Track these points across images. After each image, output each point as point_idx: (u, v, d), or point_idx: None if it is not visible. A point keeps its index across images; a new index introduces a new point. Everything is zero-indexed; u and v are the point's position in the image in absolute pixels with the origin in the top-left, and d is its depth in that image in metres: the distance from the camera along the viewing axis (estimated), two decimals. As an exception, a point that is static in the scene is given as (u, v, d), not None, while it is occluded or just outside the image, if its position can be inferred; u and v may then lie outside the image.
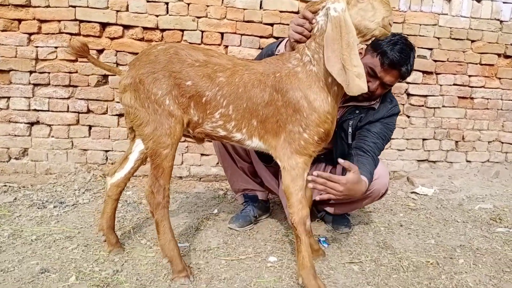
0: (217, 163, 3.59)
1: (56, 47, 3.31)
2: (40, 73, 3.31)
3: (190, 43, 3.39)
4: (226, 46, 3.46)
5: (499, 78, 3.94)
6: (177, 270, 1.90)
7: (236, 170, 2.67)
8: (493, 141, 4.04)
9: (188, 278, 1.89)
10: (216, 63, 1.91)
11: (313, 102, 1.83)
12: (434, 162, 3.97)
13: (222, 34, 3.44)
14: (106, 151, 3.46)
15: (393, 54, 2.15)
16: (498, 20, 3.81)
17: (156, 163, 1.89)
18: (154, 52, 1.91)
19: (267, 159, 2.51)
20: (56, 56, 3.32)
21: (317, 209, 2.72)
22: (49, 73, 3.32)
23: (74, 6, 3.25)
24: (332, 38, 1.75)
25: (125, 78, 1.91)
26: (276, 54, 2.21)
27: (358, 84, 1.73)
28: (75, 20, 3.27)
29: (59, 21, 3.28)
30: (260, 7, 3.43)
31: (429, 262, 2.19)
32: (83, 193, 3.06)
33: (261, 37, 3.47)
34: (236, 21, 3.43)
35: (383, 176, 2.36)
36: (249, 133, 1.94)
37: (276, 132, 1.90)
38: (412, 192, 3.49)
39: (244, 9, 3.42)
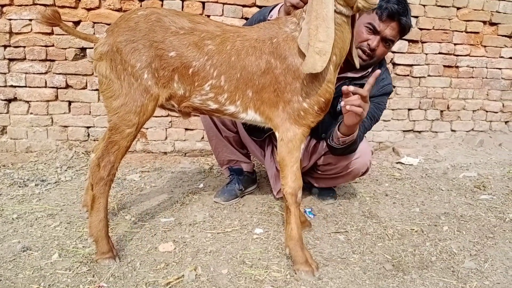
0: (202, 138, 3.55)
1: (30, 20, 3.16)
2: (15, 47, 3.18)
3: (170, 13, 3.27)
4: (208, 16, 3.35)
5: (484, 46, 3.93)
6: (101, 252, 1.78)
7: (221, 140, 2.58)
8: (478, 110, 4.06)
9: (113, 259, 1.79)
10: (204, 30, 1.76)
11: None
12: (419, 132, 3.98)
13: (203, 3, 3.33)
14: (88, 127, 3.38)
15: (391, 5, 2.04)
16: (484, -14, 3.77)
17: (114, 139, 1.76)
18: (134, 18, 1.75)
19: (254, 133, 2.49)
20: (31, 29, 3.18)
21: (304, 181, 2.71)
22: (24, 47, 3.19)
23: (48, -24, 3.10)
24: (308, 9, 1.66)
25: (101, 45, 1.74)
26: (269, 20, 2.10)
27: (313, 62, 1.60)
28: (49, -10, 3.13)
29: (32, -9, 3.13)
30: (242, -25, 3.32)
31: (413, 229, 2.22)
32: (65, 170, 3.00)
33: (244, 6, 3.36)
34: (218, -11, 3.32)
35: (364, 154, 2.33)
36: (244, 105, 1.82)
37: (273, 102, 1.79)
38: (397, 162, 3.50)
39: (225, -22, 3.30)
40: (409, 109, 3.91)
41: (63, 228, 2.11)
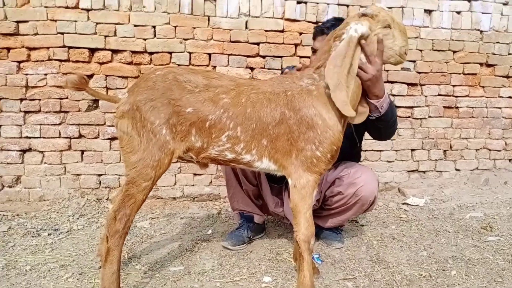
0: (210, 182, 3.62)
1: (45, 74, 3.34)
2: (31, 100, 3.34)
3: (178, 65, 3.44)
4: (214, 67, 3.51)
5: (483, 87, 4.03)
6: None
7: (240, 191, 2.64)
8: (481, 148, 4.11)
9: None
10: (218, 85, 1.89)
11: (328, 120, 1.86)
12: (424, 172, 4.03)
13: (209, 55, 3.50)
14: (99, 175, 3.48)
15: (318, 26, 2.47)
16: (478, 30, 3.91)
17: (130, 192, 1.84)
18: (152, 78, 1.88)
19: (275, 179, 2.55)
20: (46, 83, 3.35)
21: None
22: (39, 100, 3.35)
23: (63, 33, 3.30)
24: (341, 53, 1.81)
25: (123, 104, 1.87)
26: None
27: (344, 101, 1.80)
28: (64, 46, 3.32)
29: (48, 48, 3.31)
30: (246, 27, 3.50)
31: (421, 275, 2.23)
32: (77, 218, 3.07)
33: (248, 56, 3.53)
34: (223, 41, 3.49)
35: (370, 182, 2.37)
36: (259, 153, 1.92)
37: (287, 151, 1.90)
38: (403, 203, 3.53)
39: (230, 30, 3.48)
40: (412, 150, 3.97)
41: (75, 279, 2.15)
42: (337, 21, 2.34)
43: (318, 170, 1.91)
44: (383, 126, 2.25)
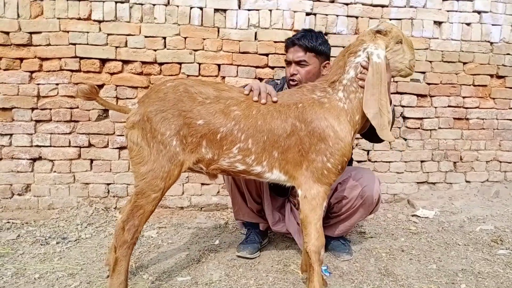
0: (218, 192, 3.63)
1: (57, 84, 3.39)
2: (42, 109, 3.39)
3: (188, 75, 3.47)
4: (223, 77, 3.54)
5: (493, 98, 4.00)
6: None
7: (245, 208, 2.68)
8: (491, 160, 4.06)
9: None
10: (228, 97, 1.91)
11: (339, 131, 1.89)
12: (433, 183, 3.99)
13: (219, 65, 3.53)
14: (108, 184, 3.50)
15: (289, 37, 2.53)
16: (488, 41, 3.90)
17: (139, 203, 1.84)
18: (163, 89, 1.89)
19: (278, 191, 2.62)
20: (57, 93, 3.39)
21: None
22: (50, 109, 3.39)
23: (74, 44, 3.35)
24: (372, 83, 1.86)
25: (134, 114, 1.87)
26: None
27: (388, 130, 1.89)
28: (76, 57, 3.37)
29: (59, 58, 3.37)
30: (255, 39, 3.53)
31: (431, 288, 2.20)
32: (86, 227, 3.08)
33: (257, 67, 3.55)
34: (232, 52, 3.52)
35: (372, 181, 2.41)
36: (270, 165, 1.93)
37: (297, 162, 1.91)
38: (413, 215, 3.50)
39: (239, 41, 3.51)
40: (421, 161, 3.94)
41: (83, 288, 2.16)
42: (306, 32, 2.48)
43: (328, 182, 1.93)
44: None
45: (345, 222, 2.57)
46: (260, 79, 3.55)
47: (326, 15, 3.61)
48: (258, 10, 3.51)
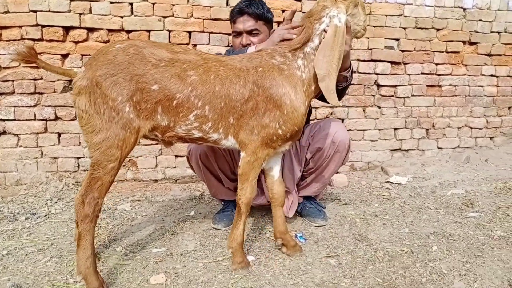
0: (193, 164, 3.57)
1: (18, 54, 3.20)
2: (4, 81, 3.21)
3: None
4: (195, 45, 3.42)
5: (465, 65, 4.04)
6: None
7: (222, 188, 2.67)
8: (463, 127, 4.14)
9: None
10: (184, 60, 1.81)
11: (295, 101, 1.88)
12: (406, 150, 4.05)
13: (189, 33, 3.41)
14: (77, 158, 3.39)
15: (234, 8, 2.46)
16: (461, 8, 3.90)
17: (96, 175, 1.74)
18: (112, 51, 1.74)
19: None
20: (19, 64, 3.21)
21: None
22: (13, 81, 3.22)
23: (35, 11, 3.16)
24: (328, 44, 1.84)
25: (80, 79, 1.71)
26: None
27: (335, 94, 1.88)
28: (37, 25, 3.18)
29: (20, 27, 3.18)
30: (227, 4, 3.41)
31: (403, 251, 2.23)
32: (56, 202, 2.99)
33: (229, 34, 3.44)
34: (203, 19, 3.40)
35: (340, 128, 2.49)
36: (226, 131, 1.90)
37: (250, 127, 1.89)
38: (386, 182, 3.55)
39: (210, 7, 3.39)
40: (395, 129, 3.98)
41: (54, 263, 2.10)
42: (250, 0, 2.41)
43: (274, 146, 1.96)
44: (346, 91, 2.45)
45: (320, 176, 2.59)
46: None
47: (300, -20, 3.51)
48: (229, -26, 3.38)
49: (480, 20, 3.95)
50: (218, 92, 1.82)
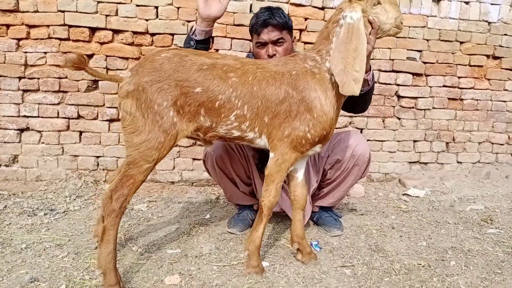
0: (209, 167, 3.58)
1: (45, 53, 3.28)
2: (30, 79, 3.29)
3: (180, 47, 3.38)
4: (217, 50, 3.45)
5: (488, 79, 3.98)
6: (109, 284, 1.79)
7: (237, 192, 2.68)
8: (484, 142, 4.07)
9: None
10: (224, 63, 1.90)
11: (325, 105, 1.93)
12: (425, 163, 3.99)
13: (212, 37, 3.42)
14: (97, 157, 3.44)
15: (256, 20, 2.41)
16: (486, 21, 3.85)
17: (130, 173, 1.81)
18: (158, 60, 1.85)
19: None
20: (46, 62, 3.29)
21: (312, 211, 2.74)
22: (38, 79, 3.29)
23: (63, 11, 3.24)
24: (342, 41, 1.89)
25: (127, 84, 1.82)
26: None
27: (352, 87, 1.87)
28: (64, 25, 3.26)
29: (48, 26, 3.25)
30: (250, 11, 3.43)
31: (420, 264, 2.20)
32: (74, 199, 3.04)
33: (251, 40, 3.45)
34: (226, 24, 3.43)
35: (361, 141, 2.49)
36: (260, 131, 1.97)
37: (282, 127, 1.95)
38: (404, 194, 3.50)
39: (234, 13, 3.42)
40: (414, 141, 3.93)
41: (71, 259, 2.13)
42: (272, 10, 2.41)
43: (302, 150, 1.99)
44: (369, 97, 2.39)
45: (338, 188, 2.59)
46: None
47: (324, -11, 3.52)
48: (254, -19, 3.41)
49: (505, 34, 3.89)
50: (256, 92, 1.90)
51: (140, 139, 1.80)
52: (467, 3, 3.78)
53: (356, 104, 2.39)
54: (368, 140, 3.79)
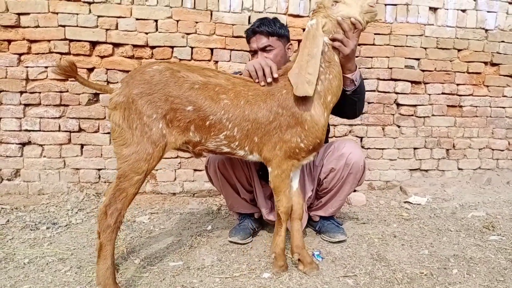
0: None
1: (46, 67, 3.32)
2: (31, 93, 3.32)
3: (180, 59, 3.42)
4: (216, 62, 3.49)
5: (487, 86, 4.00)
6: None
7: (238, 200, 2.69)
8: (484, 148, 4.08)
9: None
10: (216, 83, 1.92)
11: (315, 116, 1.97)
12: (426, 170, 4.00)
13: (211, 50, 3.47)
14: (99, 169, 3.46)
15: (247, 29, 2.54)
16: (483, 29, 3.88)
17: (122, 186, 1.81)
18: (149, 72, 1.86)
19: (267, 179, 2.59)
20: (47, 76, 3.33)
21: (313, 220, 2.75)
22: (39, 93, 3.33)
23: (64, 26, 3.28)
24: (300, 47, 1.98)
25: (117, 95, 1.83)
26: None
27: (305, 89, 1.90)
28: (65, 39, 3.30)
29: (49, 41, 3.30)
30: (249, 22, 3.47)
31: (423, 273, 2.20)
32: (76, 213, 3.05)
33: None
34: (226, 36, 3.46)
35: (355, 148, 2.49)
36: (251, 149, 2.03)
37: (273, 143, 1.99)
38: (405, 202, 3.50)
39: (233, 25, 3.46)
40: (414, 148, 3.94)
41: (74, 273, 2.13)
42: (263, 20, 2.49)
43: (298, 157, 2.05)
44: (358, 99, 2.35)
45: (336, 197, 2.60)
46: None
47: (321, -1, 3.55)
48: (252, -7, 3.46)
49: (502, 41, 3.92)
50: (247, 116, 1.95)
51: (129, 151, 1.81)
52: (463, 11, 3.81)
53: (345, 106, 2.40)
54: (368, 148, 3.81)
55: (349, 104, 2.34)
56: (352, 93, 2.27)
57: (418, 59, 3.81)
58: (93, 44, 3.34)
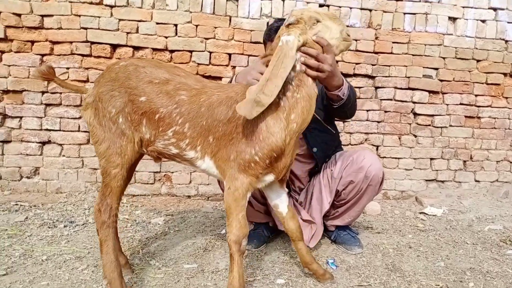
0: (225, 182, 3.61)
1: (67, 68, 3.38)
2: (52, 93, 3.39)
3: (198, 64, 3.45)
4: (234, 67, 3.52)
5: (506, 98, 3.95)
6: None
7: (252, 211, 2.64)
8: (502, 160, 4.02)
9: None
10: (181, 82, 1.87)
11: (272, 126, 1.77)
12: (442, 181, 3.96)
13: (229, 55, 3.50)
14: (115, 170, 3.49)
15: (266, 31, 2.47)
16: (503, 39, 3.84)
17: (106, 182, 1.89)
18: (115, 69, 1.89)
19: None
20: (68, 77, 3.39)
21: (328, 230, 2.74)
22: (60, 93, 3.39)
23: (86, 28, 3.34)
24: (270, 64, 1.74)
25: (89, 96, 1.90)
26: None
27: (248, 109, 1.67)
28: (87, 41, 3.36)
29: (71, 42, 3.36)
30: (268, 29, 3.49)
31: (438, 285, 2.17)
32: (93, 212, 3.08)
33: (268, 58, 3.51)
34: (244, 42, 3.49)
35: (374, 161, 2.44)
36: (203, 150, 1.87)
37: (227, 151, 1.84)
38: (421, 213, 3.47)
39: (251, 30, 3.49)
40: (431, 159, 3.91)
41: (90, 272, 2.16)
42: (279, 23, 2.25)
43: (254, 173, 1.82)
44: (347, 108, 2.27)
45: (353, 208, 2.57)
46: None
47: (340, 7, 3.57)
48: (271, -1, 3.48)
49: (523, 52, 3.88)
50: (202, 112, 1.82)
51: (103, 147, 1.87)
52: (483, 21, 3.78)
53: (334, 114, 2.44)
54: (384, 157, 3.79)
55: (338, 112, 2.32)
56: (341, 106, 2.19)
57: (436, 69, 3.78)
58: (114, 46, 3.40)
